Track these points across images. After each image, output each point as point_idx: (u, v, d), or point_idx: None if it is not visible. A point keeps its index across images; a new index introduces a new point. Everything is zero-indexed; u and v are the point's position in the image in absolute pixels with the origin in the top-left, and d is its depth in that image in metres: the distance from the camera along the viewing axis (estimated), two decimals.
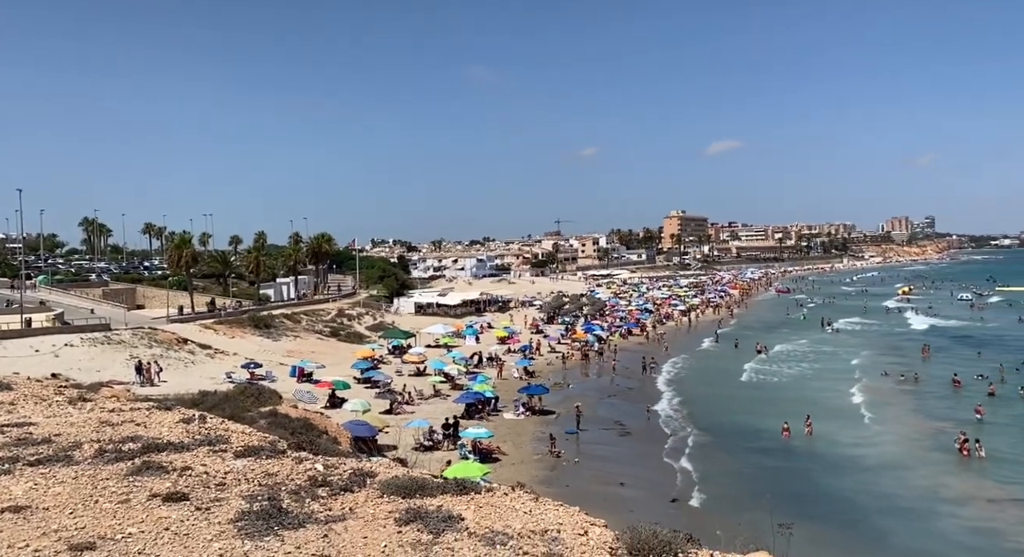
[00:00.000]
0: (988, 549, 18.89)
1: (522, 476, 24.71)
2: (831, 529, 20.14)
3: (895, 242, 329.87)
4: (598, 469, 26.19)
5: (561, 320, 69.43)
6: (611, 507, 20.63)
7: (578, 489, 23.29)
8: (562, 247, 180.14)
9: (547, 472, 25.44)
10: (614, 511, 19.38)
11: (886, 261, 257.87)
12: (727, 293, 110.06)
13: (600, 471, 25.91)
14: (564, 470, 25.72)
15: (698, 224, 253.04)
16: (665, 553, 4.29)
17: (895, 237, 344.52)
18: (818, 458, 27.25)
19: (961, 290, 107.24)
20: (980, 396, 35.78)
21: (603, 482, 24.50)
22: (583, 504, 21.19)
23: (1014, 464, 26.04)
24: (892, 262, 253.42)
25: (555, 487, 23.60)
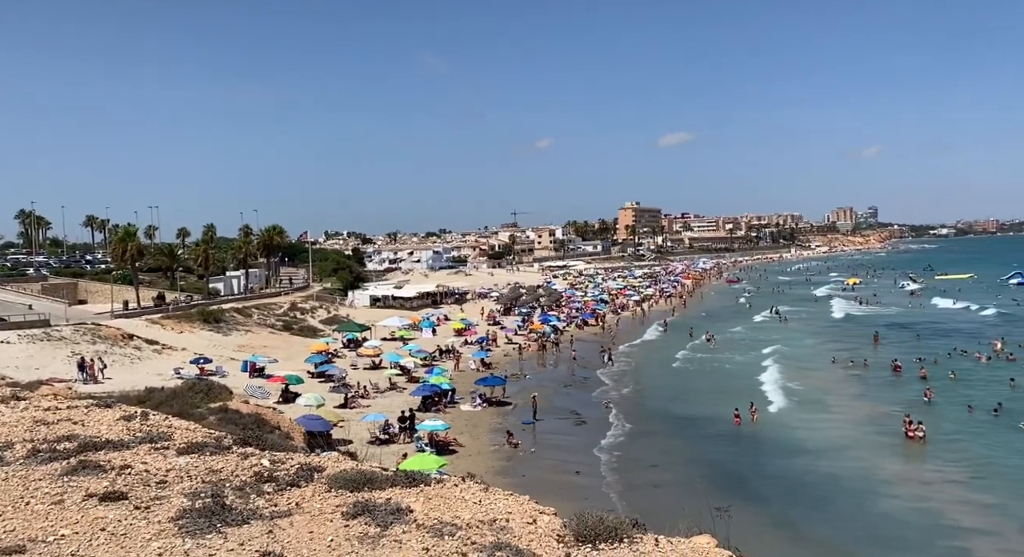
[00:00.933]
0: (926, 527, 19.51)
1: (479, 467, 24.75)
2: (773, 511, 20.73)
3: (840, 232, 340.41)
4: (554, 458, 26.41)
5: (518, 311, 69.61)
6: (567, 495, 20.87)
7: (534, 478, 23.46)
8: (519, 239, 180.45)
9: (504, 463, 25.54)
10: (570, 499, 19.60)
11: (832, 250, 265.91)
12: (680, 283, 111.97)
13: (556, 460, 26.14)
14: (520, 460, 25.86)
15: (652, 215, 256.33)
16: (611, 538, 4.34)
17: (840, 227, 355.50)
18: (766, 443, 27.93)
19: (902, 278, 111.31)
20: (920, 381, 37.17)
21: (559, 471, 24.73)
22: (539, 493, 21.31)
23: (953, 445, 27.02)
24: (837, 251, 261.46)
25: (511, 477, 23.72)
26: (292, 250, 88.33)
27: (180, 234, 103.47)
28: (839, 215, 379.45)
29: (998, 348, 45.20)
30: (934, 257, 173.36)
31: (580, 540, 4.40)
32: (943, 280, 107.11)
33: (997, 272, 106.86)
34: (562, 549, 4.32)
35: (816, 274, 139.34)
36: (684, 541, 4.37)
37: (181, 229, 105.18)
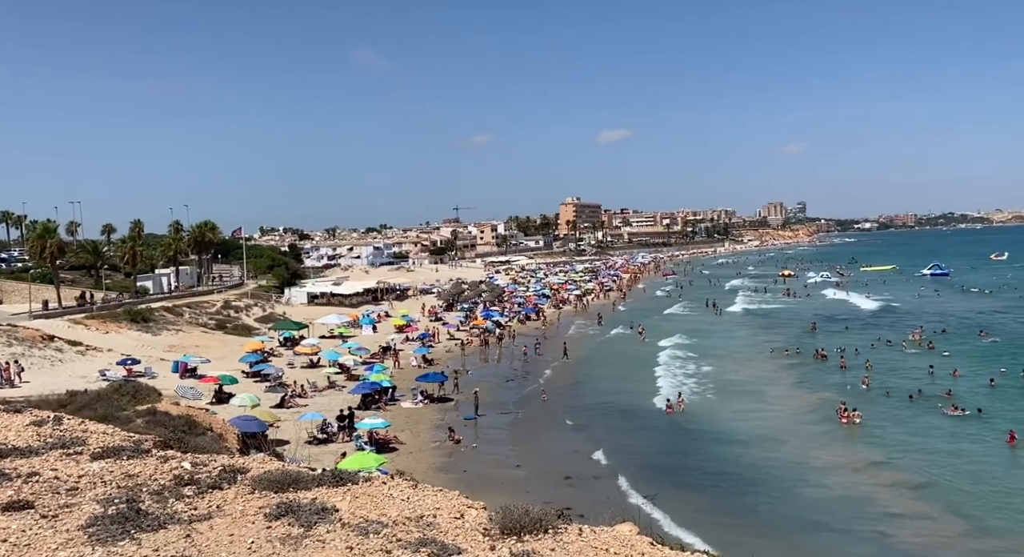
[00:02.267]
0: (854, 512, 19.92)
1: (420, 464, 24.66)
2: (705, 499, 21.10)
3: (771, 226, 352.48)
4: (496, 453, 26.49)
5: (460, 307, 69.42)
6: (507, 489, 20.99)
7: (475, 474, 23.50)
8: (461, 234, 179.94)
9: (445, 459, 25.48)
10: (510, 493, 19.69)
11: (763, 244, 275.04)
12: (619, 277, 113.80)
13: (498, 455, 26.22)
14: (462, 456, 25.84)
15: (592, 211, 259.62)
16: (536, 530, 4.38)
17: (771, 222, 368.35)
18: (699, 432, 28.46)
19: (828, 270, 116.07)
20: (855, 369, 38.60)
21: (500, 465, 24.83)
22: (479, 488, 21.41)
23: (880, 430, 27.87)
24: (768, 245, 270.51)
25: (452, 473, 23.70)
26: (225, 247, 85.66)
27: (105, 230, 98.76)
28: (770, 210, 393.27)
29: (917, 337, 47.61)
30: (858, 250, 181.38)
31: (505, 533, 4.42)
32: (867, 272, 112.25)
33: (917, 264, 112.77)
34: (487, 542, 4.33)
35: (750, 267, 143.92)
36: (607, 530, 4.44)
37: (106, 225, 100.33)
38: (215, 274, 74.32)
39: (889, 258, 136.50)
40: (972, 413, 28.93)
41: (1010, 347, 43.31)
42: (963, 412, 29.14)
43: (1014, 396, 31.90)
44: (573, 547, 4.23)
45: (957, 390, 32.51)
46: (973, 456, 24.40)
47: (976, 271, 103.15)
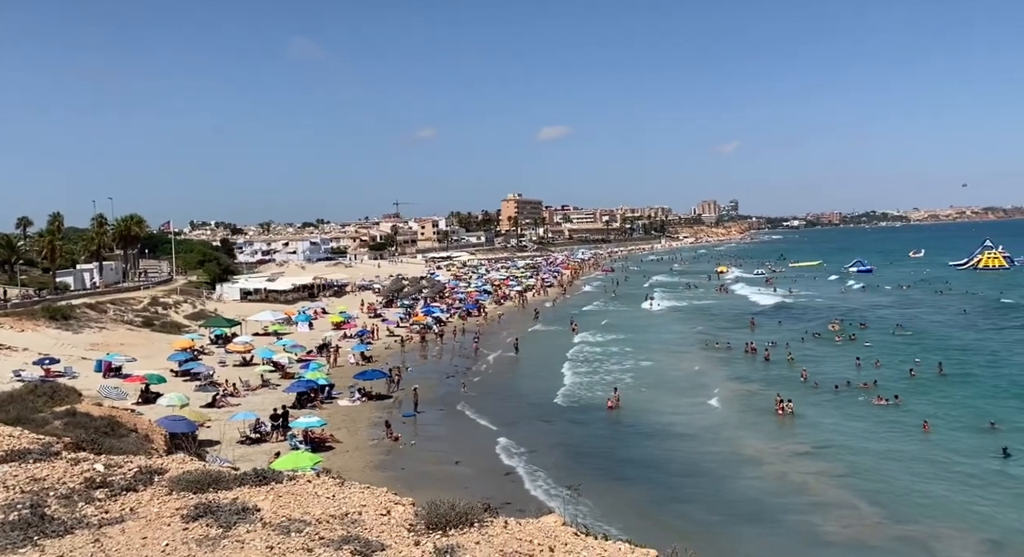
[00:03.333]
0: (782, 502, 20.26)
1: (357, 462, 24.31)
2: (637, 491, 21.26)
3: (705, 224, 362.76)
4: (435, 450, 26.34)
5: (400, 303, 68.75)
6: (446, 486, 20.88)
7: (414, 471, 23.32)
8: (401, 229, 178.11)
9: (383, 456, 25.19)
10: (449, 489, 19.61)
11: (697, 241, 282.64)
12: (560, 273, 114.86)
13: (437, 452, 26.07)
14: (400, 453, 25.60)
15: (534, 207, 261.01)
16: (461, 524, 4.36)
17: (705, 219, 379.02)
18: (636, 426, 28.84)
19: (759, 266, 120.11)
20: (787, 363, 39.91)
21: (439, 462, 24.70)
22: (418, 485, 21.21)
23: (810, 421, 28.69)
24: (703, 242, 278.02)
25: (390, 471, 23.45)
26: (153, 241, 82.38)
27: (21, 224, 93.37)
28: (704, 208, 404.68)
29: (836, 327, 49.73)
30: (787, 247, 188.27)
31: (431, 528, 4.39)
32: (796, 268, 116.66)
33: (842, 260, 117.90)
34: (412, 537, 4.29)
35: (685, 262, 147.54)
36: (532, 521, 4.46)
37: (22, 218, 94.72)
38: (141, 270, 71.36)
39: (816, 255, 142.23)
40: (893, 403, 30.34)
41: (924, 340, 45.70)
42: (886, 402, 30.54)
43: (929, 386, 33.62)
44: (498, 540, 4.23)
45: (880, 381, 33.96)
46: (892, 444, 25.34)
47: (895, 267, 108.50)
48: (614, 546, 4.02)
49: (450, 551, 3.94)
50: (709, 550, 16.11)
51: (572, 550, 3.97)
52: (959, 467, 22.54)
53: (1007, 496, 20.00)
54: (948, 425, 27.07)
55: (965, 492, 20.46)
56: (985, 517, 18.66)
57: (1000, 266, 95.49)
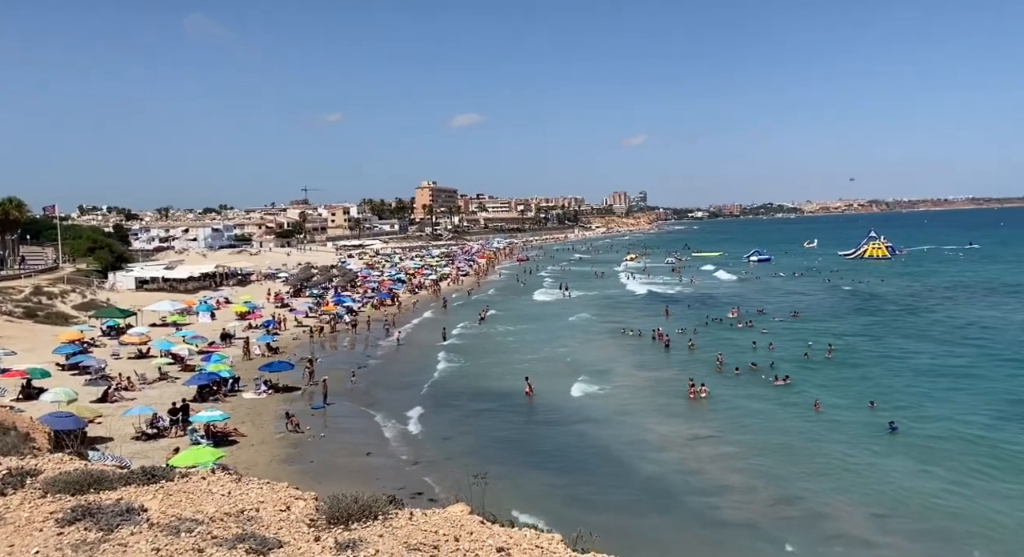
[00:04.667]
0: (686, 485, 20.74)
1: (262, 456, 23.48)
2: (546, 478, 21.39)
3: (616, 214, 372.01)
4: (345, 442, 25.79)
5: (309, 293, 66.82)
6: (357, 478, 20.49)
7: (323, 464, 22.76)
8: (310, 217, 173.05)
9: (290, 450, 24.43)
10: (359, 481, 19.23)
11: (609, 231, 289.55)
12: (476, 262, 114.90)
13: (347, 444, 25.54)
14: (309, 446, 24.90)
15: (448, 195, 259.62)
16: (365, 517, 4.22)
17: (616, 210, 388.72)
18: (549, 413, 29.11)
19: (666, 256, 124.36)
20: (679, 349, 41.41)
21: (350, 454, 24.21)
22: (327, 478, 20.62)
23: (721, 403, 29.69)
24: (614, 232, 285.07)
25: (298, 464, 22.80)
26: (36, 226, 76.41)
27: None
28: (615, 199, 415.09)
29: (735, 314, 52.15)
30: (691, 237, 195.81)
31: (332, 522, 4.23)
32: (699, 257, 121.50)
33: (742, 250, 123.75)
34: (312, 533, 4.12)
35: (597, 252, 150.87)
36: (439, 512, 4.38)
37: None
38: (21, 256, 66.03)
39: (718, 245, 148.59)
40: (791, 383, 32.03)
41: (816, 324, 48.62)
42: (784, 381, 32.24)
43: (819, 367, 35.77)
44: (402, 532, 4.12)
45: (776, 363, 35.76)
46: (787, 424, 26.57)
47: (791, 257, 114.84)
48: (520, 533, 4.00)
49: (352, 545, 3.80)
50: (613, 533, 16.52)
51: (478, 539, 3.92)
52: (848, 443, 23.88)
53: (893, 470, 21.30)
54: (837, 404, 28.70)
55: (855, 467, 21.64)
56: (874, 491, 19.70)
57: (883, 256, 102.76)
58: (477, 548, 3.80)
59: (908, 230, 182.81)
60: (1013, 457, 22.14)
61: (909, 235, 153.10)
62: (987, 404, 28.09)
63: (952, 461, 21.86)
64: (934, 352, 38.69)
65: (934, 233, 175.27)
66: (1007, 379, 32.04)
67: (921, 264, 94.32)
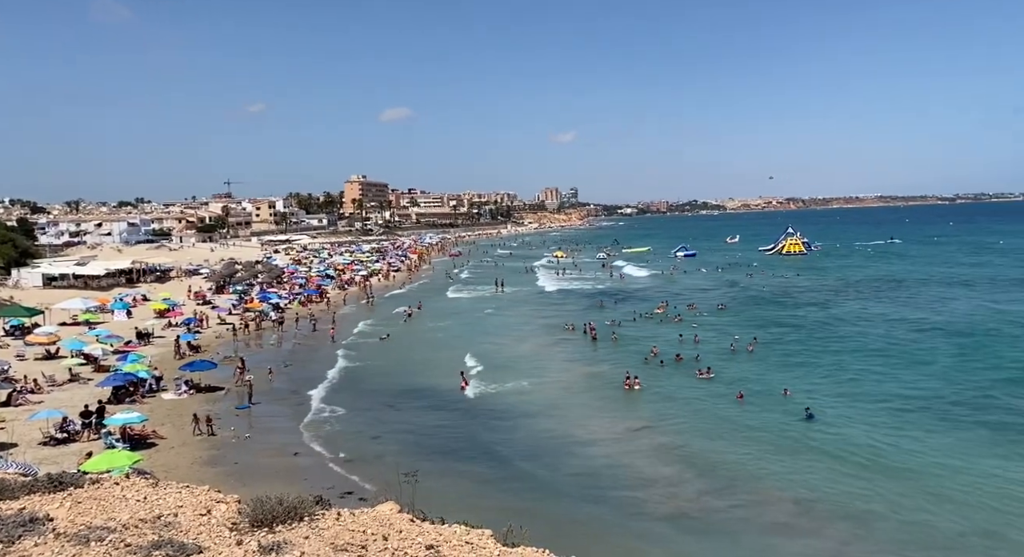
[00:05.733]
0: (616, 479, 20.91)
1: (183, 459, 22.61)
2: (478, 475, 21.38)
3: (548, 210, 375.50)
4: (272, 442, 25.10)
5: (233, 289, 64.61)
6: (284, 479, 19.97)
7: (248, 465, 22.09)
8: (234, 211, 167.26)
9: (213, 452, 23.59)
10: (287, 482, 18.74)
11: (541, 226, 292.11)
12: (408, 257, 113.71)
13: (274, 444, 24.86)
14: (232, 448, 24.11)
15: (379, 190, 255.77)
16: (290, 519, 4.10)
17: (548, 206, 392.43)
18: (481, 409, 28.98)
19: (596, 251, 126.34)
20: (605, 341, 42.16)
21: (277, 454, 23.58)
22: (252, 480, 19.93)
23: (652, 396, 30.18)
24: (546, 228, 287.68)
25: (222, 466, 22.06)
26: None
27: None
28: (547, 194, 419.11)
29: (662, 309, 53.52)
30: (620, 233, 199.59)
31: (256, 525, 4.09)
32: (628, 253, 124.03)
33: (669, 246, 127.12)
34: (234, 537, 3.97)
35: (529, 247, 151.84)
36: (367, 511, 4.30)
37: None
38: None
39: (646, 240, 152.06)
40: (706, 376, 33.09)
41: (740, 317, 50.41)
42: (708, 373, 33.25)
43: (743, 359, 37.08)
44: (329, 532, 4.02)
45: (703, 356, 36.90)
46: (713, 415, 27.31)
47: (714, 252, 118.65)
48: (450, 529, 3.96)
49: (276, 548, 3.68)
50: (545, 528, 16.64)
51: (407, 537, 3.86)
52: (770, 432, 24.76)
53: (812, 456, 22.15)
54: (759, 393, 29.78)
55: (777, 455, 22.42)
56: (796, 478, 20.43)
57: (800, 251, 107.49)
58: (406, 546, 3.74)
59: (823, 226, 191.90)
60: (919, 440, 23.54)
61: (824, 231, 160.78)
62: (893, 391, 29.78)
63: (863, 446, 23.04)
64: (846, 343, 40.73)
65: (846, 229, 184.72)
66: (909, 367, 34.05)
67: (834, 259, 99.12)
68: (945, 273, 75.78)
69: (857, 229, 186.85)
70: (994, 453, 22.06)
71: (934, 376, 32.19)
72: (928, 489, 19.36)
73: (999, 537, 16.57)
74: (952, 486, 19.53)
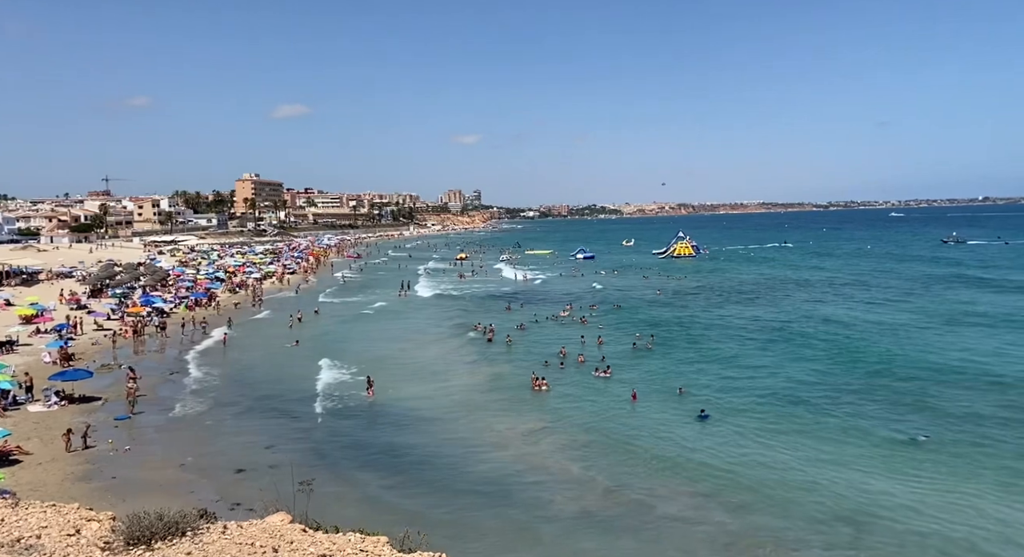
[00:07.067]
0: (521, 481, 20.91)
1: (53, 476, 20.93)
2: (379, 481, 20.92)
3: (452, 212, 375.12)
4: (156, 454, 23.61)
5: (112, 293, 60.31)
6: (169, 492, 18.88)
7: (128, 479, 20.70)
8: (113, 209, 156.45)
9: (87, 467, 21.92)
10: (172, 496, 17.72)
11: (445, 229, 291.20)
12: (304, 259, 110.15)
13: (158, 456, 23.39)
14: (110, 461, 22.49)
15: (273, 189, 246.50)
16: (171, 535, 3.85)
17: (452, 208, 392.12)
18: (385, 415, 28.35)
19: (500, 254, 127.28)
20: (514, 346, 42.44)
21: (161, 467, 22.20)
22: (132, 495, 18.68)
23: (555, 397, 30.48)
24: (450, 230, 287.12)
25: (97, 482, 20.58)
26: None
27: None
28: (450, 196, 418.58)
29: (565, 313, 54.54)
30: (523, 236, 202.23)
31: (132, 543, 3.80)
32: (531, 255, 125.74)
33: (569, 248, 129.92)
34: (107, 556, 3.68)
35: (433, 250, 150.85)
36: (256, 522, 4.10)
37: None
38: None
39: (548, 243, 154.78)
40: (603, 376, 33.94)
41: (637, 317, 52.13)
42: (606, 372, 34.07)
43: (642, 358, 38.29)
44: (213, 547, 3.80)
45: (606, 356, 37.64)
46: (614, 414, 27.89)
47: (612, 255, 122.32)
48: (344, 538, 3.84)
49: None
50: (446, 533, 16.52)
51: (298, 548, 3.70)
52: (666, 430, 25.59)
53: (709, 452, 23.06)
54: (657, 393, 30.69)
55: (675, 452, 23.17)
56: (694, 474, 21.19)
57: (690, 254, 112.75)
58: None
59: (710, 231, 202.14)
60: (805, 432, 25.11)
61: (713, 236, 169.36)
62: (779, 386, 31.66)
63: (757, 441, 24.26)
64: (733, 341, 43.00)
65: (733, 234, 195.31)
66: (792, 363, 36.37)
67: (720, 262, 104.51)
68: (818, 275, 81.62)
69: (743, 234, 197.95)
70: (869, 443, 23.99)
71: (814, 371, 34.39)
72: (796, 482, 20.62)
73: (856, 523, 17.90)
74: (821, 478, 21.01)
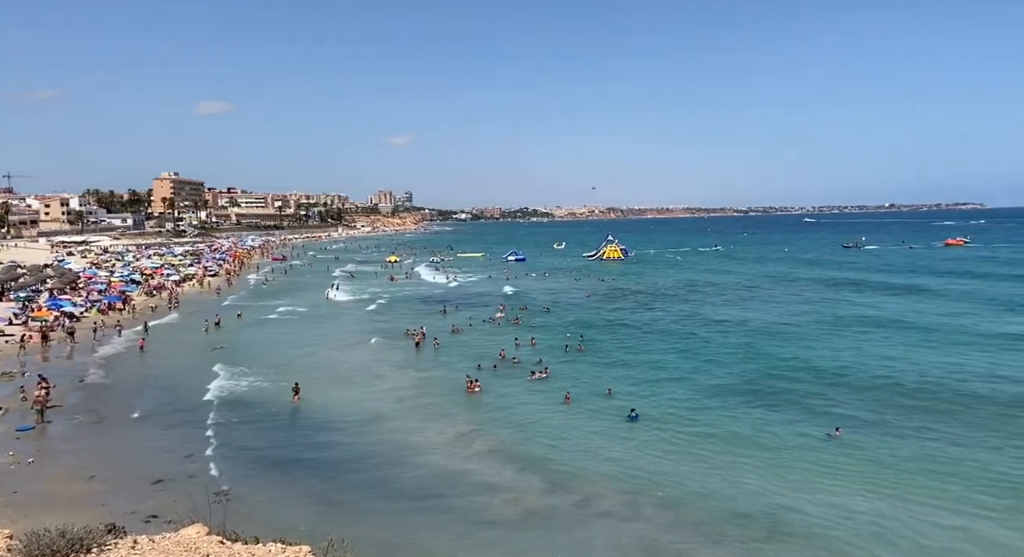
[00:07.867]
0: (454, 485, 20.60)
1: None
2: (304, 488, 20.38)
3: (382, 213, 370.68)
4: (63, 466, 22.25)
5: (15, 296, 56.61)
6: (77, 506, 17.87)
7: (31, 494, 19.43)
8: (16, 208, 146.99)
9: None
10: (80, 510, 16.75)
11: (375, 230, 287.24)
12: (226, 261, 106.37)
13: (66, 468, 22.05)
14: (10, 475, 21.05)
15: (194, 188, 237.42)
16: (75, 551, 3.60)
17: (382, 209, 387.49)
18: (311, 421, 27.58)
19: (431, 256, 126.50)
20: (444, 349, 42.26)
21: (69, 479, 20.92)
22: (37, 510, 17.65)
23: (488, 399, 30.34)
24: (380, 231, 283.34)
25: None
26: None
27: None
28: (381, 197, 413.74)
29: (500, 315, 54.67)
30: (455, 238, 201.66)
31: None
32: (463, 258, 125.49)
33: (501, 251, 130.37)
34: None
35: (363, 252, 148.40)
36: (170, 535, 3.88)
37: None
38: None
39: (480, 246, 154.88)
40: (541, 377, 34.09)
41: (567, 319, 52.73)
42: (543, 374, 34.27)
43: (573, 360, 38.65)
44: None
45: (538, 357, 37.81)
46: (547, 415, 27.93)
47: (543, 258, 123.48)
48: (264, 548, 3.68)
49: None
50: (374, 541, 16.20)
51: None
52: (599, 431, 25.82)
53: (638, 452, 23.38)
54: (588, 395, 30.93)
55: (607, 453, 23.36)
56: (625, 473, 21.44)
57: (618, 257, 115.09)
58: None
59: (640, 235, 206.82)
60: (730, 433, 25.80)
61: (640, 239, 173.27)
62: (700, 386, 32.57)
63: (682, 440, 24.80)
64: (660, 341, 44.09)
65: (659, 237, 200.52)
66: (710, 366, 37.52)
67: (646, 265, 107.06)
68: (736, 278, 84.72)
69: (668, 237, 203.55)
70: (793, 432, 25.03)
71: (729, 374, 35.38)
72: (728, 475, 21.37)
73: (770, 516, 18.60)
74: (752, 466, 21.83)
